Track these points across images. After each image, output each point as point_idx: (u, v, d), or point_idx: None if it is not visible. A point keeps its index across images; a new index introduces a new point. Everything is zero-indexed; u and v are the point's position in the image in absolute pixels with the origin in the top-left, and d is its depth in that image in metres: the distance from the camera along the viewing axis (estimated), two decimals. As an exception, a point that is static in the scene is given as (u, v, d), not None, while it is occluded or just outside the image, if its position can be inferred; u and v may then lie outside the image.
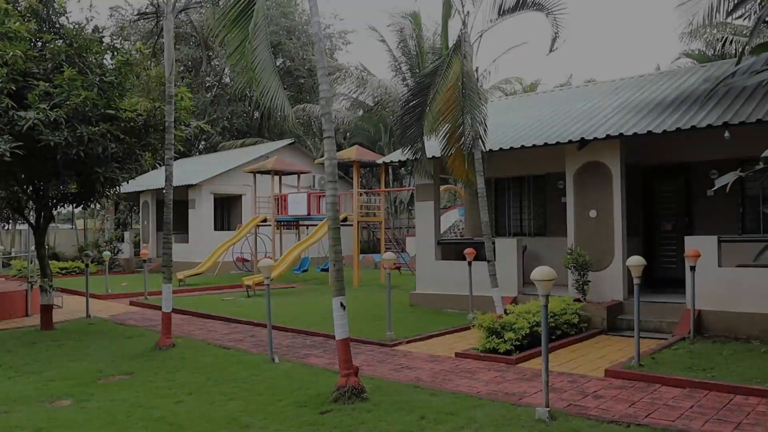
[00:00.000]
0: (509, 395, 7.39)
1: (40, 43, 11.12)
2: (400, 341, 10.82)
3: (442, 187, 21.37)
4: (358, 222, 20.57)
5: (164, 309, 10.20)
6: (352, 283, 20.72)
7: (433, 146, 12.86)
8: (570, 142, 12.11)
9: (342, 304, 7.19)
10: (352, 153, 20.20)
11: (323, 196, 22.04)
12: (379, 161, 15.48)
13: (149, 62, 12.01)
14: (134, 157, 11.25)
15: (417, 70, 34.19)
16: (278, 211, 23.17)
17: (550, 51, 11.53)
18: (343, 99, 36.51)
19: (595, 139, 11.81)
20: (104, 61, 11.12)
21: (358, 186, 20.35)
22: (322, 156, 33.64)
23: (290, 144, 30.23)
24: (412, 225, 33.80)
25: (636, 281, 8.54)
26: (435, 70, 11.07)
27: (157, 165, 12.41)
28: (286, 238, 24.86)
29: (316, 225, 23.16)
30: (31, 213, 12.70)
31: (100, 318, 14.18)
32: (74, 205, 12.36)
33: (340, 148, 33.06)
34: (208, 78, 43.85)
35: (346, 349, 7.14)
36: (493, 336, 9.65)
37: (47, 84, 9.94)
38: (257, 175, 24.17)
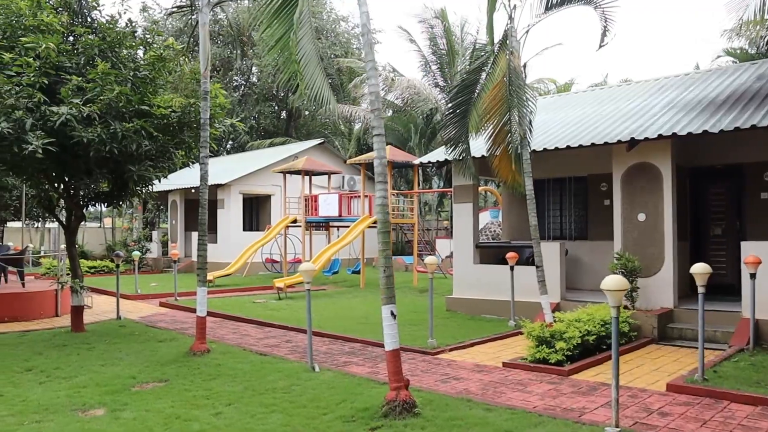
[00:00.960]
0: (568, 411, 6.90)
1: (72, 37, 10.83)
2: (442, 349, 10.35)
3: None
4: (390, 224, 20.12)
5: (199, 313, 9.84)
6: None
7: (474, 146, 12.40)
8: (619, 142, 11.56)
9: (393, 313, 6.75)
10: (384, 153, 19.75)
11: (355, 197, 21.65)
12: (416, 161, 15.00)
13: (182, 58, 11.66)
14: (167, 155, 10.89)
15: (446, 70, 33.76)
16: (308, 212, 22.81)
17: (600, 47, 10.99)
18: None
19: (646, 139, 11.25)
20: (137, 55, 10.77)
21: (390, 186, 19.88)
22: (350, 157, 33.34)
23: (320, 144, 29.85)
24: (440, 227, 33.36)
25: (701, 289, 8.02)
26: (480, 67, 10.60)
27: (189, 164, 12.04)
28: (315, 239, 24.47)
29: (347, 226, 22.77)
30: (61, 212, 12.44)
31: (131, 320, 13.89)
32: (105, 204, 12.07)
33: (368, 149, 32.69)
34: (236, 77, 43.70)
35: (396, 360, 6.70)
36: (543, 345, 9.16)
37: (80, 79, 9.61)
38: (287, 176, 23.84)
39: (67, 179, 11.12)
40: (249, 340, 11.51)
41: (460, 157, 10.92)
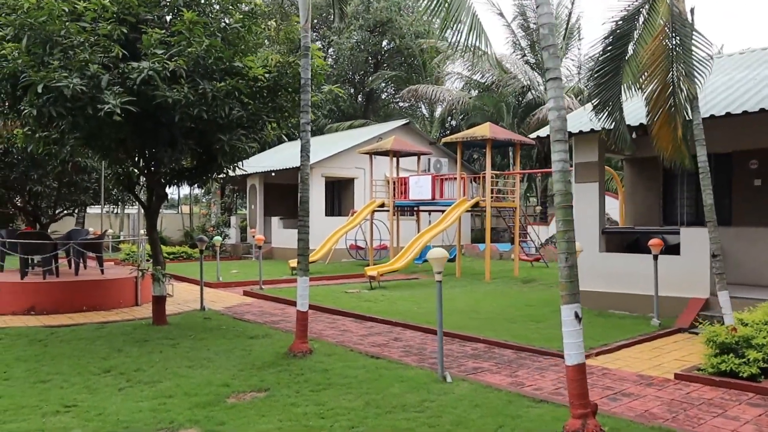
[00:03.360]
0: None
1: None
2: (587, 353, 8.57)
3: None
4: (491, 208, 18.35)
5: (300, 307, 8.34)
6: (482, 276, 18.58)
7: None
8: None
9: (578, 315, 5.04)
10: (485, 130, 17.96)
11: (449, 178, 19.92)
12: (533, 136, 13.14)
13: (276, 15, 10.13)
14: (260, 124, 9.38)
15: (538, 46, 31.56)
16: (397, 196, 21.24)
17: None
18: (456, 79, 34.24)
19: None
20: (228, 8, 9.25)
21: (489, 167, 18.09)
22: (437, 137, 31.55)
23: (404, 125, 28.16)
24: (531, 213, 31.26)
25: None
26: (632, 16, 8.70)
27: (282, 135, 10.52)
28: (402, 225, 22.89)
29: (440, 211, 21.11)
30: (142, 191, 11.19)
31: (215, 311, 12.60)
32: (189, 182, 10.74)
33: (456, 129, 30.89)
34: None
35: (581, 378, 5.00)
36: (729, 354, 7.29)
37: (163, 32, 8.17)
38: (372, 158, 22.33)
39: (147, 153, 9.79)
40: (351, 338, 10.00)
41: (612, 127, 9.02)
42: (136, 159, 9.94)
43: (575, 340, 5.02)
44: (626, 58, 8.67)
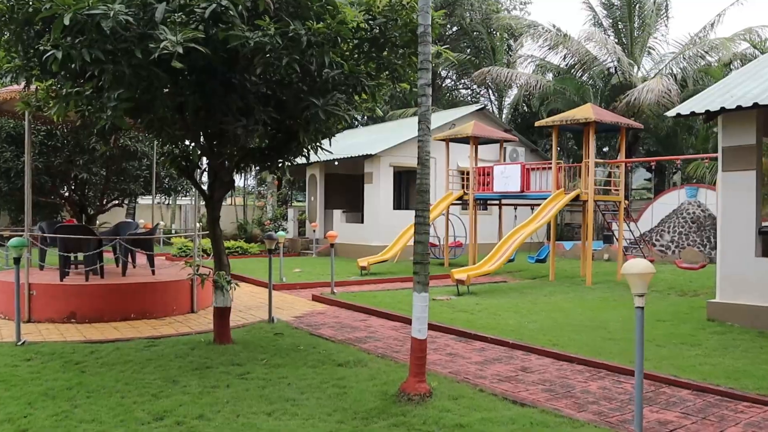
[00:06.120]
0: None
1: None
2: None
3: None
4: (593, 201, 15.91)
5: (417, 334, 6.13)
6: (578, 278, 16.20)
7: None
8: None
9: None
10: (587, 112, 15.50)
11: (540, 168, 17.52)
12: (672, 113, 10.66)
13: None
14: (359, 87, 7.13)
15: (621, 26, 28.86)
16: (477, 187, 18.92)
17: None
18: (529, 62, 31.63)
19: None
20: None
21: (593, 155, 15.63)
22: (509, 125, 28.96)
23: (479, 110, 25.74)
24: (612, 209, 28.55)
25: None
26: None
27: (379, 107, 8.31)
28: (480, 220, 20.54)
29: (530, 205, 18.77)
30: (202, 176, 9.12)
31: (285, 322, 10.53)
32: (261, 165, 8.62)
33: (534, 116, 28.39)
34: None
35: None
36: None
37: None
38: (447, 146, 20.04)
39: (212, 126, 7.62)
40: (467, 366, 7.78)
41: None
42: (197, 134, 7.79)
43: None
44: None
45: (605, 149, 31.96)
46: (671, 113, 10.84)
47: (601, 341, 9.05)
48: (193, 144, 8.00)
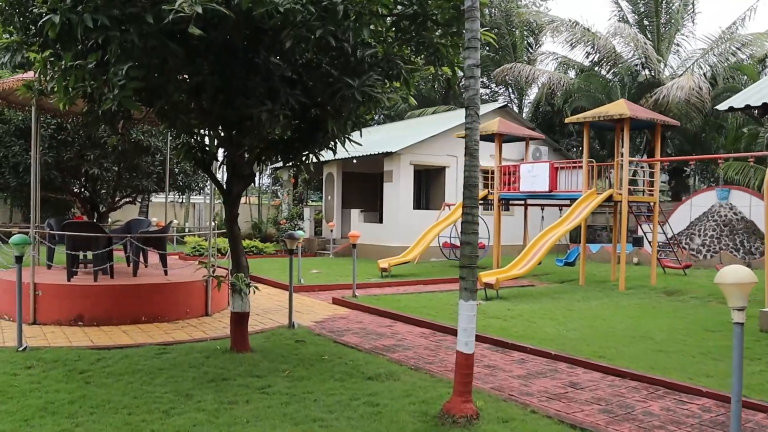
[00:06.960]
0: None
1: None
2: None
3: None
4: (626, 202, 15.12)
5: (463, 348, 5.40)
6: (609, 282, 15.43)
7: None
8: None
9: None
10: (621, 107, 14.71)
11: (570, 167, 16.74)
12: (725, 106, 9.87)
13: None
14: (395, 70, 6.38)
15: (647, 22, 28.02)
16: (501, 187, 18.17)
17: None
18: (551, 59, 30.80)
19: None
20: None
21: (627, 153, 14.85)
22: (534, 123, 28.14)
23: (501, 108, 24.96)
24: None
25: None
26: None
27: (412, 93, 7.54)
28: (504, 221, 19.79)
29: (560, 205, 17.99)
30: (219, 169, 8.42)
31: (306, 328, 9.84)
32: (285, 158, 7.90)
33: (557, 114, 27.62)
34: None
35: None
36: None
37: None
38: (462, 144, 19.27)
39: (230, 113, 6.90)
40: (511, 382, 7.04)
41: None
42: (215, 122, 7.05)
43: None
44: None
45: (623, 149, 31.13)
46: (722, 106, 10.05)
47: (651, 354, 8.31)
48: (210, 132, 7.28)
